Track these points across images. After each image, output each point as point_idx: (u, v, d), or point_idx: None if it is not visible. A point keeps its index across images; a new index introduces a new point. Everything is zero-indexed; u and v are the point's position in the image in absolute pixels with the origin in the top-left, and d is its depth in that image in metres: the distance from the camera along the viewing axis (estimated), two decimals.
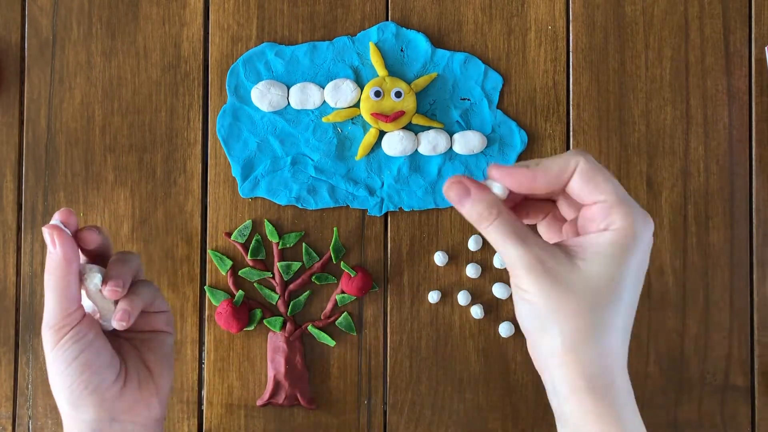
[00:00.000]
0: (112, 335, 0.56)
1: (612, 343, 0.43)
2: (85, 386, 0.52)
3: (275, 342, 0.65)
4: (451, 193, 0.44)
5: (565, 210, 0.48)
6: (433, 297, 0.65)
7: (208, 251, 0.66)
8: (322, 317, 0.66)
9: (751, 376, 0.66)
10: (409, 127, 0.65)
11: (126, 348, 0.55)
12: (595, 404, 0.42)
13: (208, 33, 0.66)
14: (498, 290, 0.65)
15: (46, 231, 0.51)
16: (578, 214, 0.45)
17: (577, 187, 0.43)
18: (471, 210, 0.43)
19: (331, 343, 0.65)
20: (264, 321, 0.65)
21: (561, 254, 0.43)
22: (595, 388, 0.42)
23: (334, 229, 0.65)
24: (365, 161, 0.65)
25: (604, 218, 0.42)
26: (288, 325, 0.65)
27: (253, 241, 0.65)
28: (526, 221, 0.49)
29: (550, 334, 0.43)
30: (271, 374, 0.65)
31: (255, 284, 0.66)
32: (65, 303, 0.52)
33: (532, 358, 0.45)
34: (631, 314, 0.44)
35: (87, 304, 0.54)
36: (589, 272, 0.42)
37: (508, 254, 0.43)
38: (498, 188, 0.44)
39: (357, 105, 0.65)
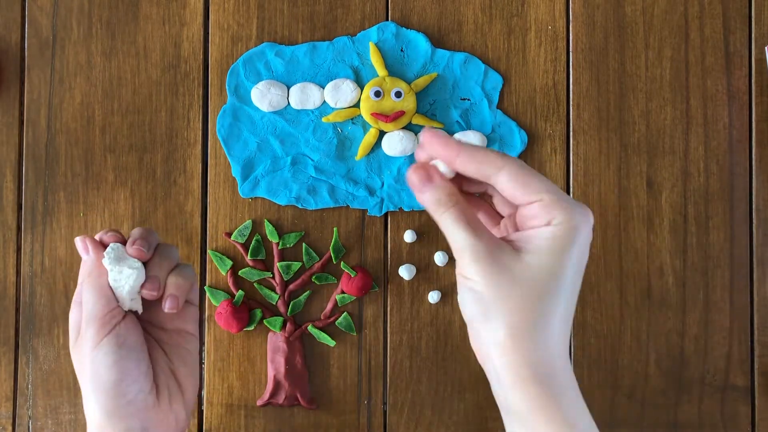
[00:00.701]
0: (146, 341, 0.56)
1: (554, 333, 0.44)
2: (124, 395, 0.52)
3: (275, 342, 0.65)
4: (414, 177, 0.45)
5: (500, 206, 0.49)
6: (433, 297, 0.65)
7: (208, 251, 0.66)
8: (322, 317, 0.66)
9: (751, 376, 0.66)
10: (409, 127, 0.65)
11: (157, 358, 0.56)
12: (539, 392, 0.43)
13: (208, 33, 0.66)
14: None
15: (78, 240, 0.56)
16: (515, 212, 0.46)
17: (510, 189, 0.44)
18: (431, 195, 0.45)
19: (331, 343, 0.65)
20: (264, 321, 0.65)
21: (507, 246, 0.44)
22: (538, 376, 0.43)
23: (334, 229, 0.65)
24: (365, 161, 0.65)
25: (546, 215, 0.43)
26: (288, 325, 0.65)
27: (253, 241, 0.65)
28: None
29: (494, 324, 0.43)
30: (271, 374, 0.65)
31: (255, 284, 0.66)
32: (104, 300, 0.54)
33: (474, 348, 0.46)
34: (571, 306, 0.45)
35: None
36: (534, 264, 0.43)
37: (458, 241, 0.44)
38: (443, 168, 0.45)
39: (357, 105, 0.65)
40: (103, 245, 0.56)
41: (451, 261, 0.66)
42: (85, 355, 0.53)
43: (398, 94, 0.64)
